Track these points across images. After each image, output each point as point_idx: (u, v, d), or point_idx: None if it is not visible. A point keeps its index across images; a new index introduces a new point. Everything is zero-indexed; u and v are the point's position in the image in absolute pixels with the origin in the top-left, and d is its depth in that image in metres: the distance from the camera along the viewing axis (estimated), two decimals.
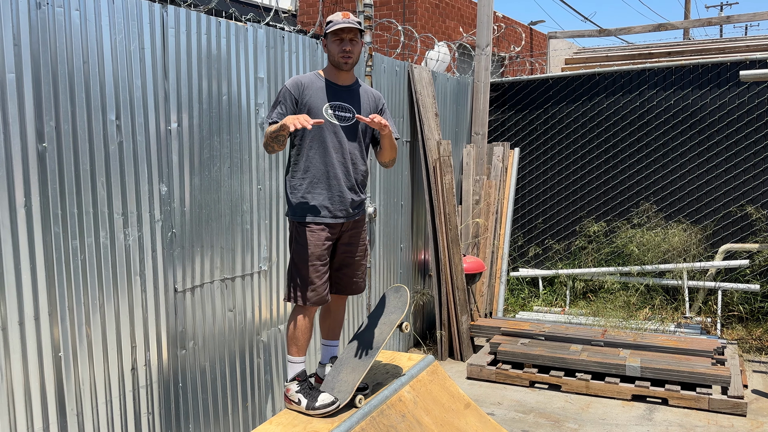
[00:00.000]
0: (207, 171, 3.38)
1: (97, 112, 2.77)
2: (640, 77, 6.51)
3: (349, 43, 2.92)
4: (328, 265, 3.01)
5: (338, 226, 3.01)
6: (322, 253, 2.95)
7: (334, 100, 2.98)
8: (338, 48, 2.93)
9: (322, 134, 2.95)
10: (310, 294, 2.94)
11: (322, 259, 2.95)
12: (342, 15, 2.93)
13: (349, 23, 2.89)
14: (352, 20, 2.91)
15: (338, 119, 2.97)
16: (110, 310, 2.88)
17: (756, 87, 6.03)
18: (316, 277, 2.93)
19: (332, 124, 2.96)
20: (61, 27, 2.61)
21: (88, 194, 2.75)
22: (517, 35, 12.34)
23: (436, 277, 5.64)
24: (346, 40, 2.91)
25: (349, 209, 3.01)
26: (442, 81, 6.15)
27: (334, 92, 2.99)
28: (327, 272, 3.00)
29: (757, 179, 6.11)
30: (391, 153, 3.12)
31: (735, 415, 4.34)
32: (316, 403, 2.89)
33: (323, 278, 2.96)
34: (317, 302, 2.96)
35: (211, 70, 3.37)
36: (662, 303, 6.31)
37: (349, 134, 3.00)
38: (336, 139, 2.96)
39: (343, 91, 3.02)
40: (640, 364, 4.70)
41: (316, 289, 2.94)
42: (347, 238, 3.08)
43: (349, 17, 2.92)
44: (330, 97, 2.97)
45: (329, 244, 2.99)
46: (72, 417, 2.71)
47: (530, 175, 7.14)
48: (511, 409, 4.51)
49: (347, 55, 2.93)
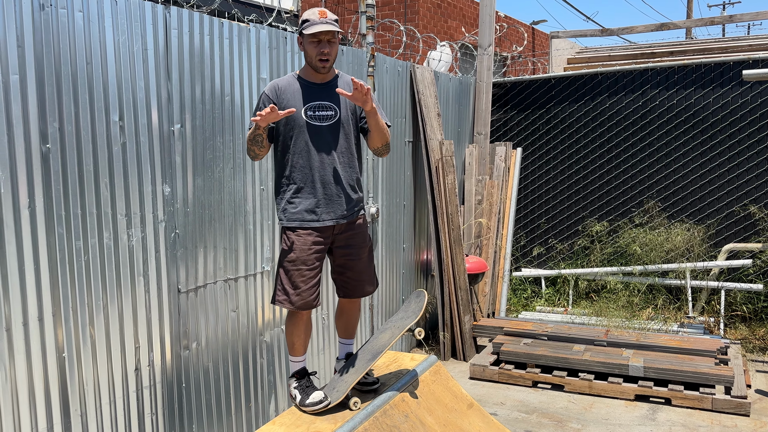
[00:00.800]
0: (210, 172, 3.39)
1: (101, 113, 2.78)
2: (643, 77, 6.50)
3: (327, 45, 2.82)
4: (317, 270, 2.92)
5: (328, 230, 2.94)
6: (308, 258, 2.88)
7: (313, 101, 2.88)
8: (315, 50, 2.82)
9: (304, 137, 2.86)
10: (295, 299, 2.90)
11: (308, 264, 2.89)
12: (319, 13, 2.79)
13: (327, 24, 2.77)
14: (330, 19, 2.80)
15: (320, 119, 2.87)
16: (114, 311, 2.89)
17: (759, 86, 6.02)
18: (302, 282, 2.88)
19: (314, 126, 2.87)
20: (64, 28, 2.62)
21: (91, 195, 2.75)
22: (519, 35, 12.33)
23: (439, 277, 5.64)
24: (324, 41, 2.81)
25: (339, 211, 2.92)
26: (444, 81, 6.15)
27: (312, 93, 2.90)
28: (315, 277, 2.92)
29: (761, 179, 6.10)
30: (381, 136, 2.92)
31: (738, 415, 4.34)
32: (307, 400, 2.93)
33: (309, 283, 2.89)
34: (302, 307, 2.91)
35: (213, 71, 3.37)
36: (665, 303, 6.30)
37: (334, 132, 2.90)
38: (321, 140, 2.87)
39: (321, 90, 2.92)
40: (643, 364, 4.69)
41: (301, 294, 2.89)
42: (343, 240, 2.99)
43: (326, 16, 2.80)
44: (308, 98, 2.88)
45: (318, 248, 2.91)
46: (76, 417, 2.72)
47: (533, 175, 7.14)
48: (514, 409, 4.51)
49: (325, 57, 2.83)
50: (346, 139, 2.94)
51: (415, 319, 3.11)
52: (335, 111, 2.91)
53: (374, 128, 2.89)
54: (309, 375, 3.08)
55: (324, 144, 2.89)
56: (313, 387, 3.01)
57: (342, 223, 2.96)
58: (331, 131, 2.90)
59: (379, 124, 2.88)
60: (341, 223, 2.96)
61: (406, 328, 3.11)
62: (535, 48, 13.17)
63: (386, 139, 2.96)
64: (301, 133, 2.87)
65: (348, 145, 2.94)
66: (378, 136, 2.93)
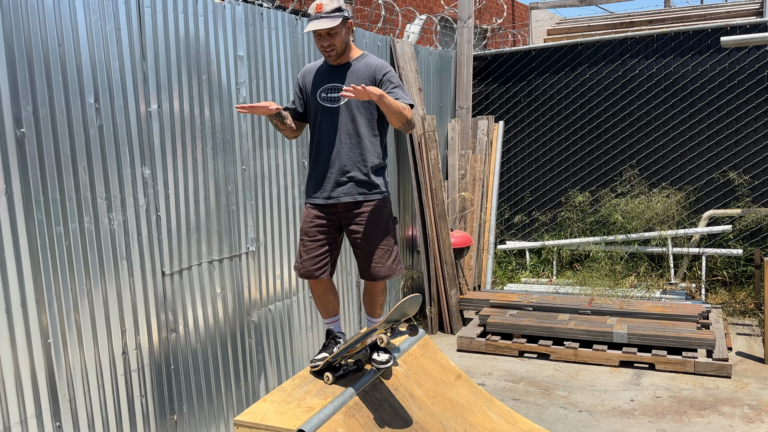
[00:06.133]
0: (190, 152, 3.35)
1: (75, 95, 2.73)
2: (622, 46, 6.50)
3: (327, 38, 2.84)
4: (319, 243, 3.03)
5: (330, 208, 3.01)
6: (309, 229, 3.04)
7: (326, 83, 2.98)
8: (318, 44, 2.91)
9: (317, 117, 2.99)
10: (298, 266, 3.10)
11: (310, 235, 3.04)
12: (315, 7, 2.81)
13: (320, 21, 2.78)
14: (325, 12, 2.79)
15: (330, 101, 2.95)
16: (98, 296, 2.87)
17: (737, 53, 6.06)
18: (303, 251, 3.07)
19: (325, 107, 2.96)
20: (34, 10, 2.55)
21: (70, 179, 2.71)
22: (498, 7, 12.25)
23: (425, 252, 5.66)
24: (323, 35, 2.85)
25: (337, 191, 2.95)
26: (424, 55, 6.11)
27: (327, 75, 2.99)
28: (318, 250, 3.03)
29: (739, 145, 6.16)
30: (397, 119, 2.83)
31: (720, 377, 4.44)
32: (314, 356, 3.17)
33: (311, 254, 3.04)
34: (304, 275, 3.08)
35: (189, 50, 3.32)
36: (647, 270, 6.40)
37: (342, 115, 2.93)
38: (329, 121, 2.95)
39: (336, 73, 2.97)
40: (627, 331, 4.77)
41: (303, 263, 3.07)
42: (350, 220, 3.01)
43: (321, 9, 2.79)
44: (323, 81, 2.99)
45: (320, 222, 3.02)
46: (65, 402, 2.72)
47: (515, 148, 7.15)
48: (501, 379, 4.58)
49: (328, 50, 2.89)
50: (353, 122, 2.94)
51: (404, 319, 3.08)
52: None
53: (387, 113, 2.83)
54: (331, 336, 3.16)
55: (331, 125, 2.95)
56: (327, 347, 3.13)
57: (346, 203, 2.97)
58: (339, 113, 2.95)
59: (391, 109, 2.78)
60: (344, 202, 2.97)
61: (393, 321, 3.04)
62: (515, 20, 13.09)
63: (404, 119, 2.86)
64: (317, 113, 3.00)
65: (355, 127, 2.94)
66: (393, 119, 2.85)
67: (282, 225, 4.08)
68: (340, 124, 2.94)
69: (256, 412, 2.73)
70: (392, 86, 2.91)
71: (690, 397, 4.16)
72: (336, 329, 3.20)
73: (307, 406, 2.76)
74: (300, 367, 4.25)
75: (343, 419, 2.72)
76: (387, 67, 2.96)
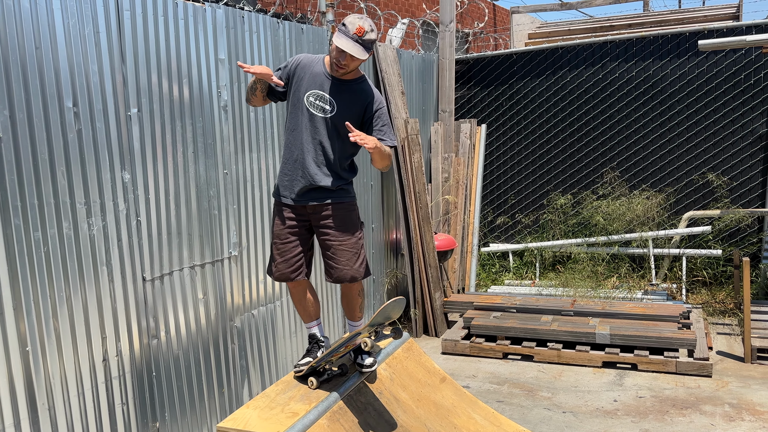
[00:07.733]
0: (171, 156, 3.32)
1: (53, 99, 2.69)
2: (602, 50, 6.57)
3: (348, 59, 2.80)
4: (292, 245, 3.01)
5: (300, 209, 2.99)
6: (281, 232, 3.02)
7: (319, 90, 2.91)
8: (336, 55, 2.81)
9: (297, 118, 2.93)
10: (273, 269, 3.07)
11: (281, 237, 3.02)
12: (357, 29, 2.73)
13: (353, 47, 2.72)
14: (363, 39, 2.74)
15: (315, 108, 2.91)
16: (77, 302, 2.83)
17: (714, 56, 6.14)
18: (277, 254, 3.05)
19: (309, 111, 2.91)
20: (10, 12, 2.52)
21: (48, 184, 2.67)
22: (480, 11, 12.32)
23: (409, 255, 5.66)
24: (347, 55, 2.78)
25: (305, 193, 2.95)
26: (407, 59, 6.12)
27: (323, 81, 2.92)
28: (290, 252, 3.01)
29: (717, 147, 6.25)
30: (381, 163, 2.94)
31: (701, 377, 4.49)
32: (298, 360, 3.16)
33: (285, 256, 3.02)
34: (279, 278, 3.06)
35: (170, 53, 3.29)
36: (629, 271, 6.45)
37: (324, 126, 2.91)
38: (311, 125, 2.91)
39: (333, 84, 2.92)
40: (610, 332, 4.81)
41: (277, 266, 3.05)
42: (318, 221, 3.01)
43: (362, 34, 2.73)
44: (317, 85, 2.91)
45: (291, 224, 3.00)
46: (44, 411, 2.67)
47: (498, 151, 7.19)
48: (485, 381, 4.59)
49: (341, 66, 2.84)
50: (335, 133, 2.92)
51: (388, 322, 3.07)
52: (333, 108, 2.91)
53: (374, 158, 2.91)
54: (315, 341, 3.15)
55: (313, 130, 2.91)
56: (311, 352, 3.11)
57: (314, 205, 2.97)
58: (323, 124, 2.92)
59: (380, 156, 2.88)
60: (312, 205, 2.97)
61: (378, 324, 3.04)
62: (497, 24, 13.18)
63: (386, 164, 2.98)
64: (298, 112, 2.94)
65: (334, 139, 2.93)
66: (378, 163, 2.94)
67: (265, 229, 4.06)
68: (321, 133, 2.92)
69: (240, 418, 2.71)
70: (381, 124, 2.98)
71: (672, 396, 4.20)
72: (319, 333, 3.18)
73: (291, 412, 2.74)
74: (284, 372, 4.23)
75: (327, 424, 2.70)
76: (382, 102, 3.01)
